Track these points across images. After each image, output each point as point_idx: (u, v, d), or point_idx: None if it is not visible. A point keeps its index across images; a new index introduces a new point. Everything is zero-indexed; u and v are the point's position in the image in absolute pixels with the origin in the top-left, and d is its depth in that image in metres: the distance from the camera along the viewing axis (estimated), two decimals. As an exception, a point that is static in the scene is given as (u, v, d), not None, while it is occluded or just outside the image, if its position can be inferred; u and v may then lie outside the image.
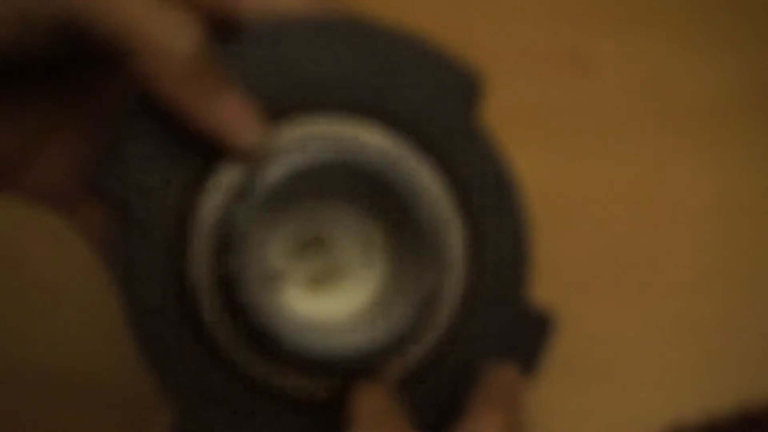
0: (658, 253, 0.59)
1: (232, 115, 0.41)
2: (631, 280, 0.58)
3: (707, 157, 0.60)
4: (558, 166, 0.60)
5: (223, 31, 0.43)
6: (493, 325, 0.44)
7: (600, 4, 0.62)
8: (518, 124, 0.60)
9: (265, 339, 0.40)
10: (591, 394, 0.57)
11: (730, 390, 0.57)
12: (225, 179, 0.42)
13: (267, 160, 0.41)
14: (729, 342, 0.58)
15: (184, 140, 0.42)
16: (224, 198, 0.42)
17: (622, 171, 0.60)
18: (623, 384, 0.57)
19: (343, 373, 0.42)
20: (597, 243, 0.59)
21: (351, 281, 0.44)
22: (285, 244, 0.43)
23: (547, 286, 0.58)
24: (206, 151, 0.42)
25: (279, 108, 0.43)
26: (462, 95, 0.44)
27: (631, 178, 0.60)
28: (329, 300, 0.43)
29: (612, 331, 0.58)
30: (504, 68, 0.61)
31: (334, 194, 0.43)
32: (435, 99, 0.44)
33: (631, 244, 0.59)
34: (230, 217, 0.40)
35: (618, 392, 0.57)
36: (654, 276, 0.59)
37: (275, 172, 0.41)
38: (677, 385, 0.57)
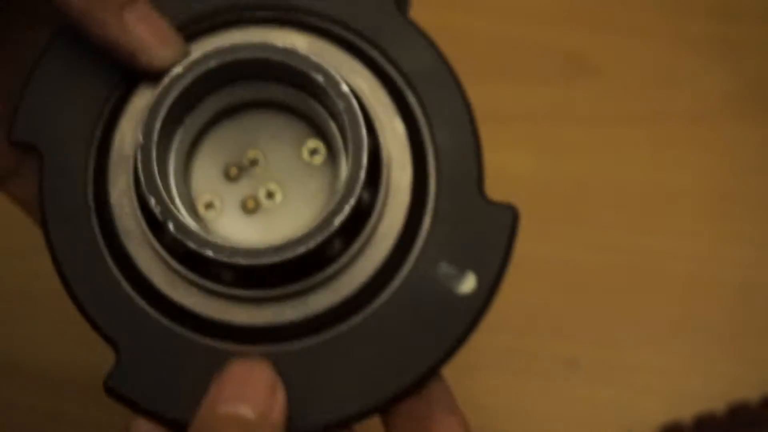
0: (656, 253, 0.59)
1: (144, 30, 0.39)
2: (629, 281, 0.58)
3: (706, 159, 0.60)
4: (557, 167, 0.60)
5: None
6: (452, 225, 0.40)
7: (600, 7, 0.62)
8: (518, 125, 0.60)
9: (197, 265, 0.38)
10: (587, 395, 0.57)
11: (726, 390, 0.57)
12: (140, 102, 0.40)
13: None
14: (726, 343, 0.58)
15: (94, 69, 0.40)
16: (138, 122, 0.39)
17: (621, 172, 0.60)
18: (621, 384, 0.57)
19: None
20: (595, 243, 0.59)
21: (292, 200, 0.41)
22: (213, 168, 0.41)
23: (544, 287, 0.58)
24: (118, 78, 0.40)
25: (188, 25, 0.41)
26: None
27: (629, 180, 0.60)
28: (270, 224, 0.41)
29: (610, 331, 0.58)
30: (504, 69, 0.61)
31: (256, 105, 0.41)
32: (358, 1, 0.41)
33: (630, 244, 0.59)
34: (139, 140, 0.38)
35: (616, 392, 0.57)
36: (652, 276, 0.59)
37: (183, 79, 0.38)
38: (674, 386, 0.57)
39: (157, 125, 0.38)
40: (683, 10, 0.62)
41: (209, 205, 0.41)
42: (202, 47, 0.40)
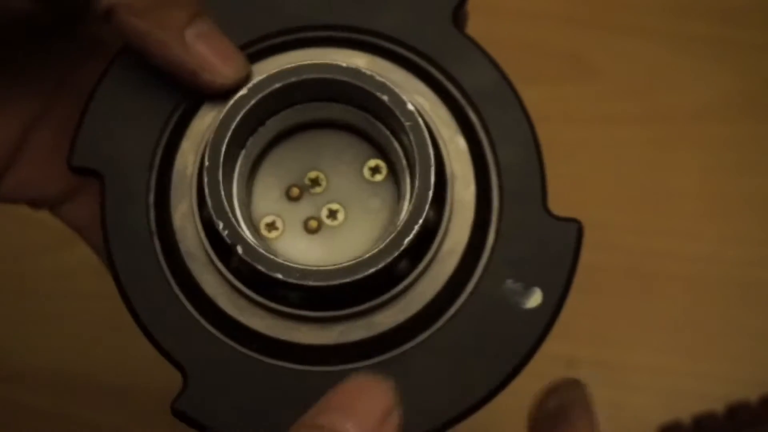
0: (656, 253, 0.59)
1: (206, 48, 0.38)
2: (629, 281, 0.58)
3: (706, 159, 0.60)
4: (557, 167, 0.60)
5: None
6: (516, 240, 0.40)
7: (600, 7, 0.62)
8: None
9: (261, 286, 0.38)
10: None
11: (726, 390, 0.57)
12: (201, 125, 0.40)
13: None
14: (726, 343, 0.58)
15: (153, 91, 0.40)
16: (199, 144, 0.39)
17: (621, 172, 0.60)
18: (621, 384, 0.57)
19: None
20: (595, 244, 0.59)
21: (354, 219, 0.41)
22: (274, 189, 0.41)
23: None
24: (178, 100, 0.40)
25: (247, 46, 0.40)
26: (444, 7, 0.41)
27: (629, 180, 0.60)
28: (333, 243, 0.41)
29: (610, 331, 0.58)
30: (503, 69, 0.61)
31: (315, 125, 0.40)
32: (416, 19, 0.41)
33: (630, 244, 0.59)
34: (206, 163, 0.38)
35: (616, 392, 0.57)
36: (652, 276, 0.59)
37: (248, 100, 0.38)
38: (674, 386, 0.57)
39: (223, 148, 0.38)
40: (683, 10, 0.62)
41: (271, 226, 0.40)
42: (263, 69, 0.39)
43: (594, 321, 0.58)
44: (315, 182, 0.41)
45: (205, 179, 0.38)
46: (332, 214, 0.41)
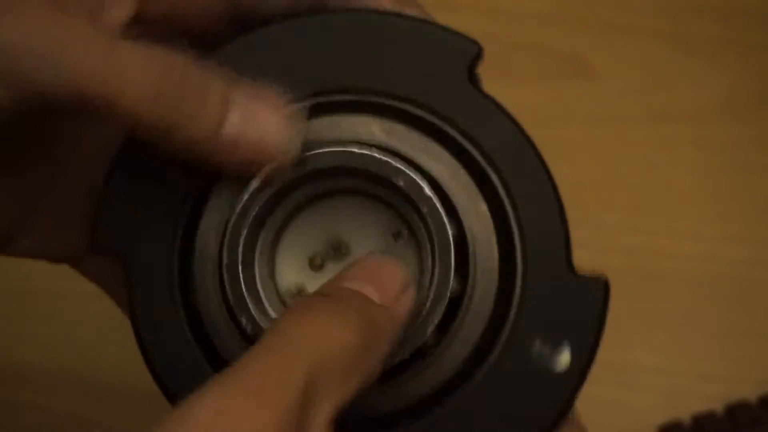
0: (656, 253, 0.59)
1: (260, 116, 0.35)
2: (629, 281, 0.58)
3: (706, 159, 0.60)
4: (556, 167, 0.60)
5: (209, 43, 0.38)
6: (542, 302, 0.39)
7: (599, 7, 0.62)
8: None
9: None
10: (587, 395, 0.57)
11: (725, 390, 0.57)
12: (219, 202, 0.39)
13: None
14: (725, 343, 0.58)
15: (171, 167, 0.39)
16: (218, 223, 0.39)
17: (620, 172, 0.60)
18: (621, 384, 0.57)
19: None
20: (595, 243, 0.59)
21: None
22: (298, 258, 0.41)
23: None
24: (199, 181, 0.39)
25: None
26: (459, 66, 0.41)
27: (629, 180, 0.60)
28: None
29: (611, 331, 0.58)
30: (503, 69, 0.61)
31: (340, 199, 0.40)
32: (431, 78, 0.40)
33: (630, 244, 0.59)
34: (224, 260, 0.38)
35: (616, 392, 0.57)
36: (652, 277, 0.59)
37: (261, 195, 0.38)
38: (673, 386, 0.57)
39: (240, 243, 0.38)
40: (683, 10, 0.62)
41: (296, 297, 0.40)
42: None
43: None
44: (337, 250, 0.41)
45: (226, 277, 0.38)
46: None
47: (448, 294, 0.38)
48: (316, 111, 0.40)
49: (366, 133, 0.39)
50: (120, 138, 0.39)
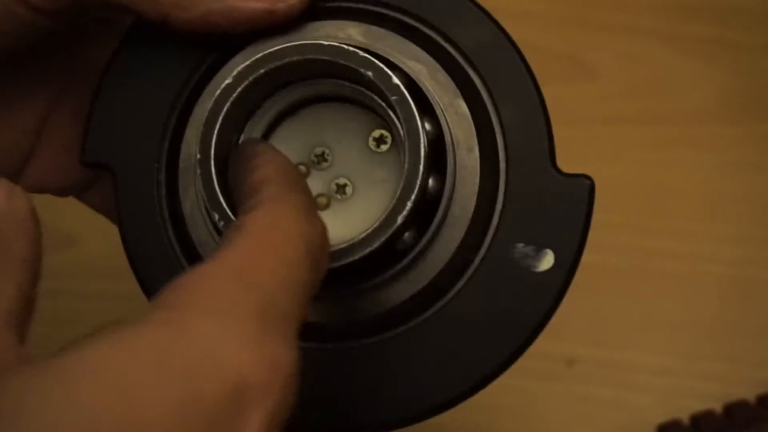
0: (655, 253, 0.59)
1: None
2: (629, 281, 0.59)
3: (705, 159, 0.60)
4: (557, 167, 0.60)
5: None
6: (526, 202, 0.38)
7: (599, 8, 0.62)
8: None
9: None
10: (587, 395, 0.58)
11: (724, 390, 0.57)
12: (202, 111, 0.39)
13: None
14: (724, 343, 0.58)
15: (156, 82, 0.40)
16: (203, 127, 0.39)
17: (620, 172, 0.60)
18: (620, 384, 0.57)
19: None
20: (595, 243, 0.59)
21: (363, 191, 0.40)
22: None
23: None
24: (181, 88, 0.40)
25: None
26: None
27: (629, 180, 0.60)
28: (345, 218, 0.40)
29: (610, 331, 0.58)
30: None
31: (316, 100, 0.40)
32: None
33: (630, 244, 0.59)
34: (197, 156, 0.38)
35: (615, 392, 0.57)
36: (651, 276, 0.59)
37: (231, 90, 0.37)
38: (672, 386, 0.57)
39: (213, 139, 0.37)
40: (683, 10, 0.62)
41: None
42: (254, 50, 0.39)
43: (593, 320, 0.58)
44: (321, 158, 0.40)
45: (198, 172, 0.37)
46: (340, 188, 0.40)
47: (418, 183, 0.36)
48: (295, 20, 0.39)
49: (344, 35, 0.39)
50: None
